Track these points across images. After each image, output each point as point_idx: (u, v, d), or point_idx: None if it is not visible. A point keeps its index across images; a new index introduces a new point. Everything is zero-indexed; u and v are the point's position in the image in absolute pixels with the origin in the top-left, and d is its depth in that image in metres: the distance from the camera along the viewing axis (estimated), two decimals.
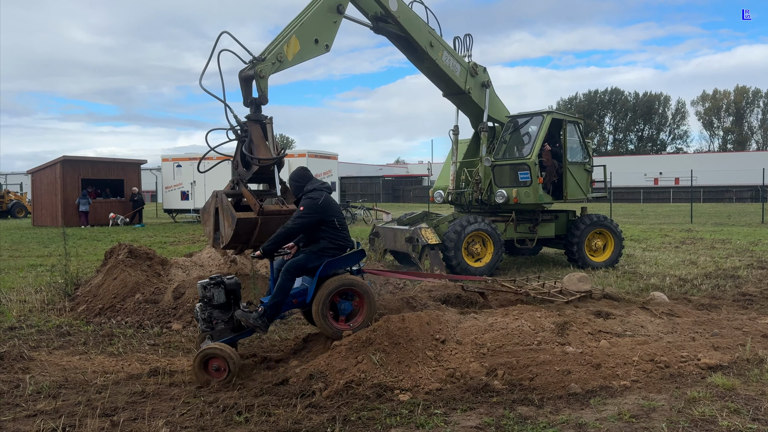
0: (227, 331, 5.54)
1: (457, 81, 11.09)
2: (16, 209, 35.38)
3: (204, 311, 5.53)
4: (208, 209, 7.12)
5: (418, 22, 10.22)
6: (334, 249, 5.66)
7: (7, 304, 8.31)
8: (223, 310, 5.54)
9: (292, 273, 5.55)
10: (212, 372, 5.13)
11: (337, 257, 5.66)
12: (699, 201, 48.86)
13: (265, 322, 5.48)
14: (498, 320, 5.73)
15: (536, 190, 11.20)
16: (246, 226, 6.63)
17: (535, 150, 11.28)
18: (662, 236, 18.61)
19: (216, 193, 7.12)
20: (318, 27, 8.13)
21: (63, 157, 26.57)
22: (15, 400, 4.70)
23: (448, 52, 10.86)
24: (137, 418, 4.29)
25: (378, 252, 12.04)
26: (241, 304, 5.66)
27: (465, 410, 4.36)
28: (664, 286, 9.71)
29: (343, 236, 5.75)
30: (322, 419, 4.20)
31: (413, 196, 57.97)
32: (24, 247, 16.89)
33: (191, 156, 28.97)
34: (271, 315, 5.52)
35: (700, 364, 5.13)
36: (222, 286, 5.54)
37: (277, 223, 7.13)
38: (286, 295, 5.56)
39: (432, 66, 10.70)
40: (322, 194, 5.69)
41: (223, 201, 6.86)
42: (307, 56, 8.04)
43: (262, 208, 6.78)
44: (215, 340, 5.44)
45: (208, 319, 5.52)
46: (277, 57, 7.48)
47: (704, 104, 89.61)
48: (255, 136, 7.09)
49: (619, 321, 6.23)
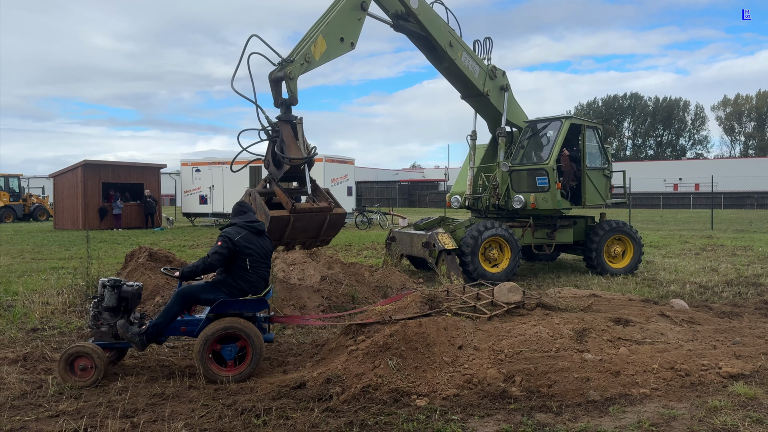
0: (108, 336, 5.43)
1: (475, 82, 11.08)
2: (38, 212, 35.91)
3: (95, 309, 5.48)
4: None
5: (438, 21, 10.25)
6: (233, 288, 5.47)
7: (29, 306, 8.44)
8: (111, 313, 5.43)
9: (183, 299, 5.46)
10: (77, 371, 5.12)
11: (235, 299, 5.46)
12: (720, 207, 48.18)
13: (143, 341, 5.34)
14: (516, 326, 5.70)
15: (554, 195, 11.12)
16: (279, 223, 6.70)
17: (553, 155, 11.21)
18: (682, 243, 18.39)
19: (250, 191, 7.20)
20: (343, 25, 8.21)
21: (84, 161, 26.99)
22: (38, 401, 4.77)
23: (467, 53, 10.88)
24: (157, 420, 4.34)
25: (394, 257, 12.04)
26: (133, 315, 5.56)
27: (482, 416, 4.34)
28: (684, 293, 9.59)
29: (249, 279, 5.51)
30: (339, 423, 4.21)
31: (429, 201, 57.92)
32: (46, 250, 17.15)
33: (210, 160, 29.27)
34: (152, 335, 5.39)
35: (722, 373, 5.06)
36: (116, 290, 5.43)
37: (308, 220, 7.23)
38: (170, 319, 5.43)
39: (451, 66, 10.71)
40: (241, 232, 5.54)
41: (256, 199, 6.95)
42: (333, 55, 8.12)
43: (294, 206, 6.83)
44: (96, 340, 5.41)
45: (96, 317, 5.46)
46: (305, 57, 7.55)
47: (725, 109, 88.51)
48: (286, 135, 7.18)
49: (638, 328, 6.16)
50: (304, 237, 8.00)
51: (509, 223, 11.45)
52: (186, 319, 5.57)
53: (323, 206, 7.67)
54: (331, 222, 7.96)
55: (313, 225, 7.82)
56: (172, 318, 5.44)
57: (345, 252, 16.47)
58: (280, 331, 7.22)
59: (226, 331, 5.28)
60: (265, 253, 5.68)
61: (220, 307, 5.40)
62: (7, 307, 8.47)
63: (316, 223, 7.83)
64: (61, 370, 5.13)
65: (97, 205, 26.89)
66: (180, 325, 5.52)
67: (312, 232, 7.96)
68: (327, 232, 8.16)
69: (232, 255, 5.47)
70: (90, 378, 5.10)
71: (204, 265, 5.47)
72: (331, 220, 7.92)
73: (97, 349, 5.19)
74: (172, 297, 5.49)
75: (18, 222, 33.78)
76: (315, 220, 7.75)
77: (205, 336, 5.24)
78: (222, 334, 5.28)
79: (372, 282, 9.25)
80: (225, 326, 5.27)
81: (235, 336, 5.32)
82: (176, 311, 5.45)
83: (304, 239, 8.10)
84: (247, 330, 5.30)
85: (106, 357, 5.28)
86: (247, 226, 5.62)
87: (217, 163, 28.74)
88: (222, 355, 5.33)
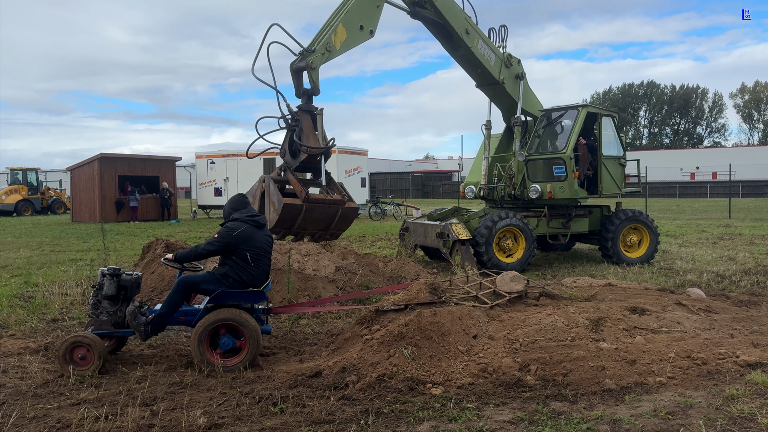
0: (107, 324, 5.47)
1: (491, 70, 11.01)
2: (56, 205, 36.38)
3: (95, 297, 5.52)
4: (254, 193, 7.19)
5: (454, 8, 10.20)
6: (235, 280, 5.48)
7: (49, 297, 8.58)
8: (111, 301, 5.47)
9: (184, 287, 5.48)
10: (77, 360, 5.15)
11: (235, 290, 5.47)
12: (737, 196, 47.59)
13: (147, 331, 5.39)
14: (531, 316, 5.70)
15: (571, 184, 11.04)
16: (291, 211, 6.67)
17: (570, 144, 11.12)
18: (699, 232, 18.20)
19: (263, 177, 7.17)
20: (362, 13, 8.18)
21: (100, 155, 27.25)
22: (59, 389, 4.86)
23: (483, 41, 10.81)
24: (176, 408, 4.40)
25: (408, 248, 12.05)
26: (134, 303, 5.59)
27: (498, 405, 4.36)
28: (701, 282, 9.51)
29: (251, 273, 5.51)
30: (355, 411, 4.25)
31: (443, 191, 57.78)
32: (64, 242, 17.38)
33: (224, 153, 29.43)
34: (156, 325, 5.44)
35: (739, 361, 5.02)
36: (116, 279, 5.47)
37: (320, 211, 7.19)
38: (173, 309, 5.46)
39: (467, 54, 10.65)
40: (241, 226, 5.54)
41: (269, 186, 6.91)
42: (353, 43, 8.08)
43: (308, 196, 6.79)
44: (95, 329, 5.45)
45: (95, 306, 5.50)
46: (326, 47, 7.49)
47: (743, 96, 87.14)
48: (305, 125, 7.15)
49: (654, 317, 6.13)
50: (314, 228, 7.97)
51: (524, 213, 11.40)
52: (185, 309, 5.61)
53: (336, 199, 7.66)
54: (342, 215, 7.96)
55: (325, 217, 7.81)
56: (175, 306, 5.47)
57: (359, 243, 16.51)
58: (296, 321, 7.28)
59: (224, 321, 5.30)
60: (266, 246, 5.68)
61: (219, 298, 5.43)
62: (28, 299, 8.62)
63: (328, 215, 7.82)
64: (61, 359, 5.16)
65: (113, 198, 27.18)
66: (179, 314, 5.57)
67: (323, 224, 7.95)
68: (338, 225, 8.15)
69: (229, 248, 5.48)
70: (89, 367, 5.13)
71: (196, 252, 5.51)
72: (343, 213, 7.92)
73: (95, 339, 5.22)
74: (174, 285, 5.53)
75: (36, 215, 34.27)
76: (327, 212, 7.75)
77: (202, 326, 5.28)
78: (219, 325, 5.32)
79: (386, 272, 9.28)
80: (223, 317, 5.30)
81: (232, 327, 5.36)
82: (179, 299, 5.48)
83: (314, 230, 8.07)
84: (245, 321, 5.32)
85: (104, 346, 5.32)
86: (249, 220, 5.62)
87: (231, 155, 28.90)
88: (220, 346, 5.35)
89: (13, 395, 4.73)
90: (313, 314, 7.52)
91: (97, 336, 5.30)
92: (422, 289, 5.86)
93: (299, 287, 7.92)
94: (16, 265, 12.38)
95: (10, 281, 10.25)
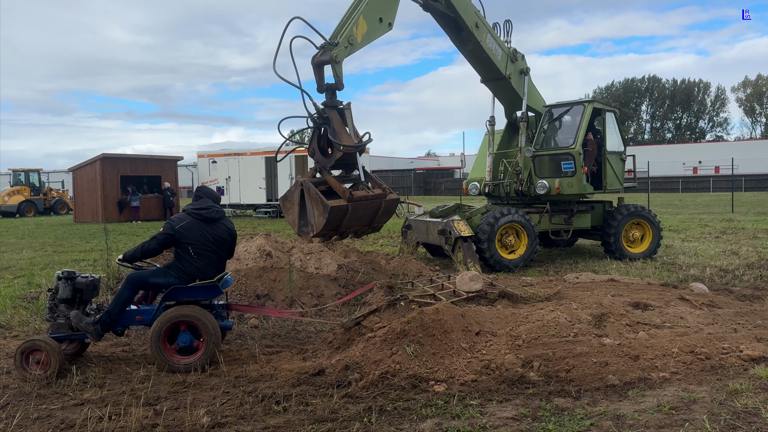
0: (65, 327, 5.43)
1: (498, 65, 10.95)
2: (59, 206, 36.41)
3: (51, 300, 5.50)
4: (291, 198, 6.94)
5: (465, 1, 10.15)
6: (181, 273, 5.45)
7: None
8: (67, 304, 5.45)
9: (132, 284, 5.45)
10: (32, 365, 5.12)
11: (188, 286, 5.44)
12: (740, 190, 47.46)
13: (97, 330, 5.34)
14: (533, 312, 5.69)
15: (580, 180, 11.06)
16: (338, 213, 6.51)
17: (579, 139, 11.17)
18: (702, 226, 18.16)
19: (301, 181, 6.89)
20: (381, 5, 8.12)
21: (102, 155, 27.28)
22: (63, 390, 4.87)
23: (491, 35, 10.76)
24: (179, 407, 4.41)
25: (410, 245, 12.04)
26: (89, 306, 5.57)
27: (501, 401, 4.36)
28: (705, 277, 9.49)
29: (196, 265, 5.46)
30: (358, 409, 4.25)
31: (445, 188, 57.75)
32: (67, 243, 17.41)
33: (226, 152, 29.44)
34: (106, 324, 5.38)
35: (743, 356, 5.01)
36: (70, 282, 5.45)
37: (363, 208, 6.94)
38: (120, 307, 5.41)
39: (476, 48, 10.57)
40: (185, 219, 5.51)
41: (311, 190, 6.63)
42: (372, 36, 7.96)
43: (352, 195, 6.63)
44: (52, 333, 5.43)
45: (52, 309, 5.49)
46: (348, 40, 7.32)
47: (745, 90, 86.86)
48: (335, 122, 6.94)
49: (657, 312, 6.12)
50: (358, 225, 7.74)
51: (526, 209, 11.39)
52: (142, 309, 5.59)
53: (379, 193, 7.42)
54: (386, 208, 7.72)
55: (369, 212, 7.61)
56: (123, 304, 5.43)
57: (361, 241, 16.50)
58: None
59: (180, 318, 5.28)
60: (213, 240, 5.57)
61: (173, 294, 5.40)
62: (31, 299, 8.63)
63: (372, 211, 7.63)
64: (17, 364, 5.13)
65: (116, 198, 27.21)
66: (135, 314, 5.54)
67: (366, 220, 7.73)
68: (381, 218, 7.91)
69: (173, 241, 5.47)
70: (46, 370, 5.08)
71: (142, 249, 5.49)
72: (386, 206, 7.70)
73: (50, 342, 5.19)
74: (122, 282, 5.50)
75: (39, 216, 34.30)
76: (371, 208, 7.55)
77: (158, 324, 5.25)
78: (176, 322, 5.29)
79: (388, 270, 9.27)
80: (179, 314, 5.29)
81: (189, 324, 5.33)
82: (127, 296, 5.44)
83: (358, 227, 7.84)
84: (201, 317, 5.29)
85: (60, 349, 5.27)
86: (193, 213, 5.57)
87: (233, 154, 28.91)
88: (178, 343, 5.33)
89: (17, 396, 4.75)
90: (315, 312, 7.52)
91: (53, 339, 5.27)
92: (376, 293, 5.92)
93: (301, 285, 7.93)
94: (19, 266, 12.40)
95: (13, 282, 10.26)
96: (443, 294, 6.13)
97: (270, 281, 7.94)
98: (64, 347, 5.48)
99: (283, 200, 7.12)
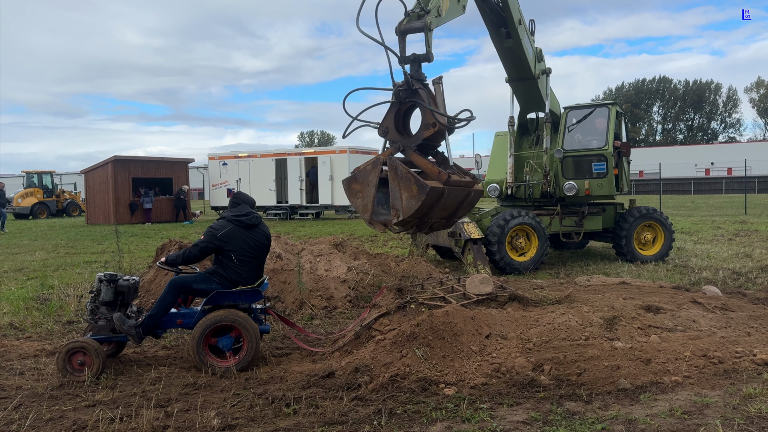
0: (106, 329, 5.47)
1: (530, 64, 10.69)
2: (71, 208, 36.74)
3: (92, 303, 5.53)
4: (366, 178, 5.81)
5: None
6: (224, 279, 5.50)
7: (65, 299, 8.66)
8: (108, 307, 5.49)
9: (175, 288, 5.48)
10: (76, 366, 5.15)
11: (229, 290, 5.49)
12: (753, 192, 47.02)
13: (139, 333, 5.39)
14: (544, 315, 5.66)
15: (611, 181, 11.15)
16: (434, 196, 5.55)
17: (610, 140, 11.23)
18: (714, 228, 18.01)
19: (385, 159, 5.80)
20: None
21: (114, 157, 27.50)
22: (75, 391, 4.90)
23: (527, 34, 10.61)
24: (190, 409, 4.42)
25: (420, 247, 12.03)
26: (130, 309, 5.59)
27: (511, 405, 4.33)
28: (717, 279, 9.41)
29: (238, 272, 5.52)
30: (368, 412, 4.24)
31: None
32: (79, 244, 17.55)
33: (236, 154, 29.59)
34: (148, 327, 5.44)
35: (756, 360, 4.96)
36: (112, 285, 5.48)
37: (454, 195, 6.02)
38: (163, 311, 5.45)
39: (515, 45, 10.16)
40: (227, 226, 5.54)
41: (399, 168, 5.58)
42: (450, 15, 7.35)
43: (450, 177, 5.74)
44: (94, 335, 5.47)
45: (93, 312, 5.52)
46: (438, 10, 6.68)
47: (759, 91, 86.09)
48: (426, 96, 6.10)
49: (669, 316, 6.07)
50: (440, 216, 6.45)
51: (536, 212, 11.34)
52: (182, 312, 5.63)
53: (469, 180, 6.41)
54: (471, 199, 6.62)
55: (455, 202, 6.44)
56: (166, 308, 5.48)
57: (371, 243, 16.51)
58: (308, 321, 7.29)
59: (222, 322, 5.32)
60: (254, 246, 5.62)
61: (215, 299, 5.45)
62: (43, 301, 8.70)
63: (458, 200, 6.46)
64: (60, 366, 5.16)
65: (127, 200, 27.43)
66: (176, 317, 5.58)
67: (450, 211, 6.49)
68: (462, 210, 6.70)
69: (215, 249, 5.51)
70: (89, 373, 5.12)
71: (184, 255, 5.53)
72: (473, 196, 6.59)
73: (94, 344, 5.23)
74: (166, 287, 5.54)
75: (52, 218, 34.62)
76: (459, 196, 6.40)
77: (200, 327, 5.30)
78: (217, 326, 5.34)
79: (398, 272, 9.27)
80: (220, 317, 5.32)
81: (230, 327, 5.37)
82: (170, 301, 5.49)
83: (438, 219, 6.52)
84: (242, 321, 5.34)
85: (103, 351, 5.33)
86: (234, 220, 5.59)
87: (243, 156, 29.05)
88: (219, 347, 5.39)
89: (30, 397, 4.78)
90: (325, 314, 7.54)
91: (96, 341, 5.33)
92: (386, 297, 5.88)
93: (311, 287, 7.94)
94: (32, 267, 12.52)
95: (26, 284, 10.36)
96: (453, 296, 6.12)
97: (280, 283, 7.96)
98: (105, 349, 5.55)
99: (351, 182, 5.89)
